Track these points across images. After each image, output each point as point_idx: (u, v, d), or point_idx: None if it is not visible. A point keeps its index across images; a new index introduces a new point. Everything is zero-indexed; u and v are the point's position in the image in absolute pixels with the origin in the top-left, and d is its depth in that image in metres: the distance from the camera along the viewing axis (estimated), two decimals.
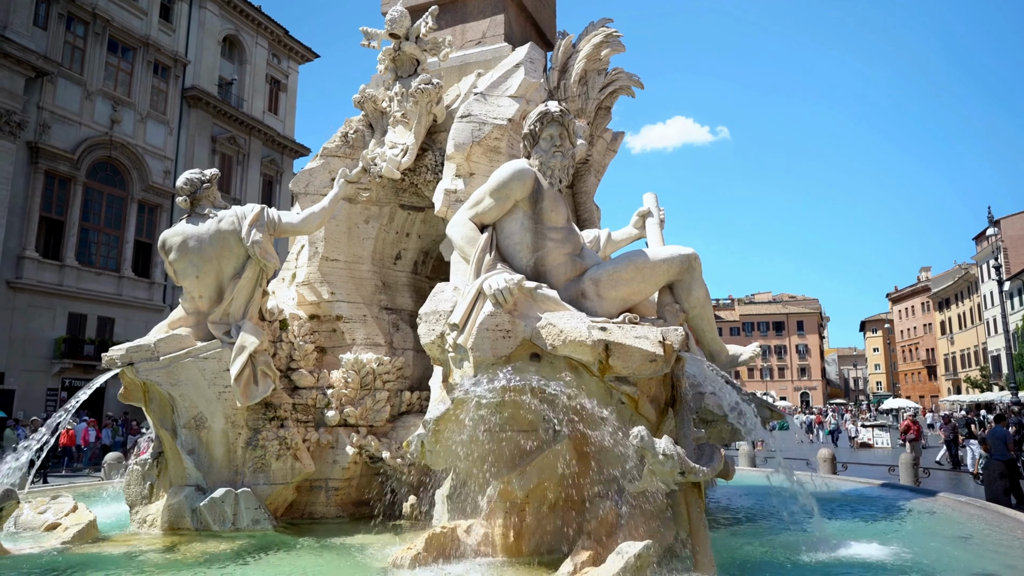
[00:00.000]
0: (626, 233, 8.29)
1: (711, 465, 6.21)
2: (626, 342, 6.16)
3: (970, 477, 18.09)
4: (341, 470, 8.91)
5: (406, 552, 6.34)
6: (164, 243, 8.57)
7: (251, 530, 7.87)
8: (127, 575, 6.38)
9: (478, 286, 6.40)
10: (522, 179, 6.75)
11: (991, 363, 63.91)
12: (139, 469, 8.39)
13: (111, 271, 31.69)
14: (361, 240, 10.08)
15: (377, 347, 9.59)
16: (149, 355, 7.98)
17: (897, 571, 6.09)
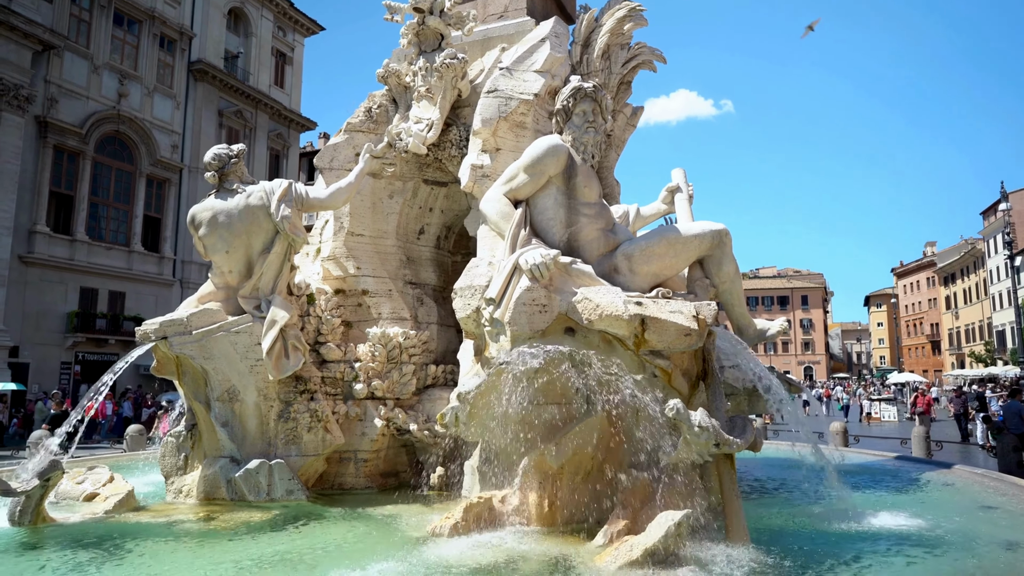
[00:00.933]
0: (655, 208, 8.33)
1: (744, 437, 6.33)
2: (662, 316, 6.24)
3: (978, 449, 18.27)
4: (370, 442, 9.05)
5: (444, 521, 6.49)
6: (193, 218, 8.63)
7: (285, 500, 8.03)
8: (170, 543, 6.53)
9: (514, 261, 6.47)
10: (556, 155, 6.78)
11: (996, 338, 64.02)
12: (173, 441, 8.53)
13: (121, 245, 31.77)
14: (385, 215, 10.12)
15: (403, 321, 9.68)
16: (182, 329, 8.07)
17: (933, 542, 6.22)
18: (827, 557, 5.67)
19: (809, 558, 5.60)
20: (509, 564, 5.47)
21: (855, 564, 5.52)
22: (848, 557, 5.69)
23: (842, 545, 6.11)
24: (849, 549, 5.98)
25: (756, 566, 5.34)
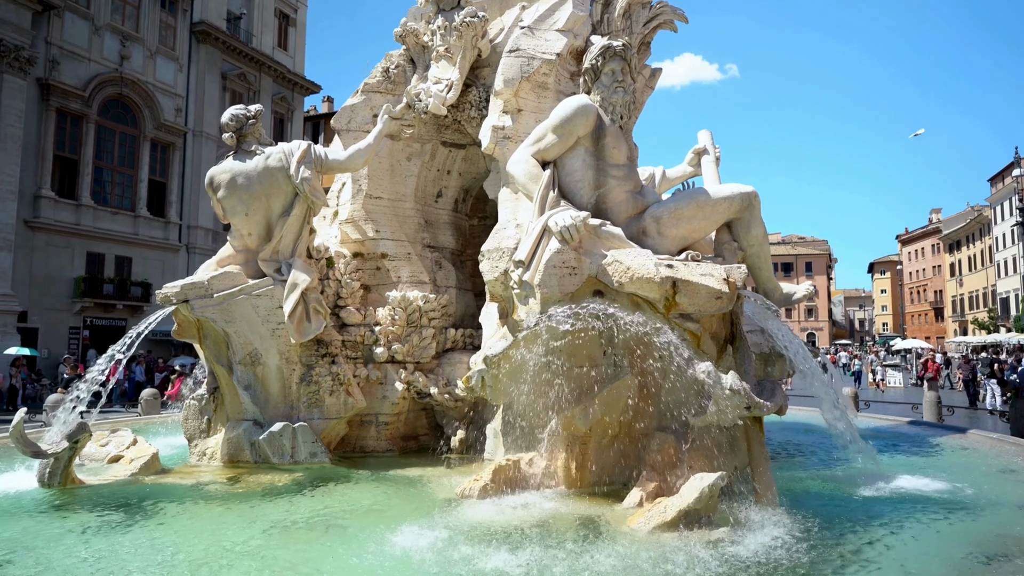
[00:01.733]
0: (681, 171, 8.21)
1: (773, 400, 6.31)
2: (693, 279, 6.17)
3: (987, 415, 18.33)
4: (391, 405, 9.07)
5: (473, 484, 6.52)
6: (212, 180, 8.51)
7: (308, 463, 8.07)
8: (199, 505, 6.57)
9: (543, 223, 6.38)
10: (585, 115, 6.65)
11: (999, 305, 63.94)
12: (196, 404, 8.54)
13: (127, 210, 31.55)
14: (403, 178, 10.00)
15: (422, 285, 9.62)
16: (203, 292, 8.02)
17: (959, 504, 6.25)
18: (858, 520, 5.70)
19: (840, 520, 5.62)
20: (541, 525, 5.49)
21: (887, 527, 5.55)
22: (880, 520, 5.72)
23: (871, 508, 6.13)
24: (879, 512, 6.00)
25: (788, 528, 5.35)
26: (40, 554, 4.90)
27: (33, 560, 4.76)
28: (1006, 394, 13.17)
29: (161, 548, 5.08)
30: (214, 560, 4.74)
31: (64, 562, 4.75)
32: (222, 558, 4.80)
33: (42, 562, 4.72)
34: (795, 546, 4.95)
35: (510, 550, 4.83)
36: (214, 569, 4.61)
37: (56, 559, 4.79)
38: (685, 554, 4.75)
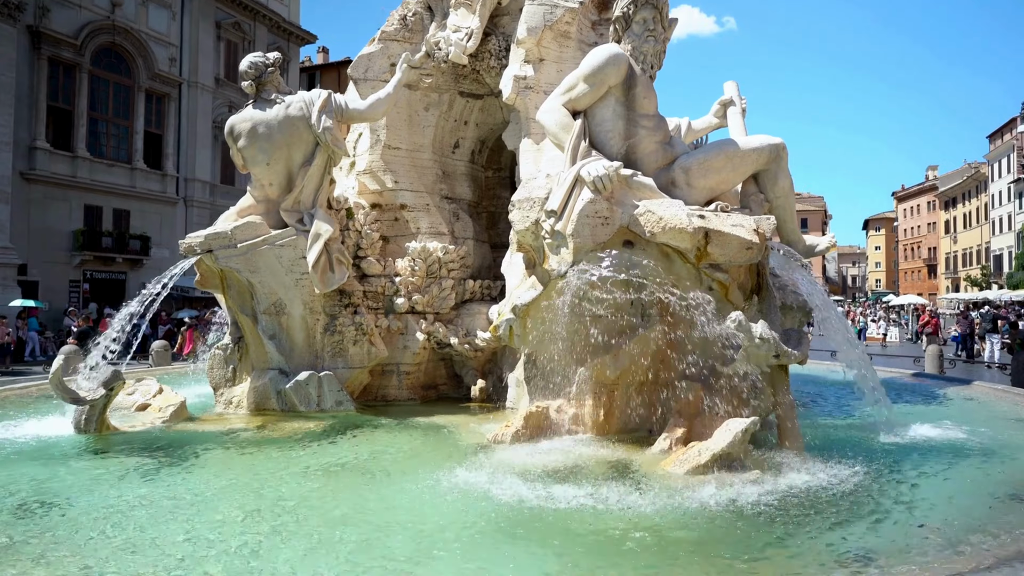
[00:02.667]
0: (706, 122, 8.18)
1: (800, 349, 6.44)
2: (724, 229, 6.22)
3: (984, 368, 18.67)
4: (412, 355, 9.18)
5: (505, 429, 6.66)
6: (232, 129, 8.43)
7: (334, 411, 8.19)
8: (233, 451, 6.69)
9: (575, 173, 6.38)
10: (617, 64, 6.59)
11: (992, 262, 64.38)
12: (221, 354, 8.62)
13: (123, 163, 31.15)
14: (421, 128, 9.92)
15: (441, 236, 9.64)
16: (227, 242, 8.02)
17: (979, 452, 6.44)
18: (886, 463, 5.87)
19: (869, 464, 5.78)
20: (576, 469, 5.63)
21: (916, 470, 5.73)
22: (907, 464, 5.90)
23: (896, 454, 6.31)
24: (904, 457, 6.18)
25: (819, 470, 5.51)
26: (90, 497, 4.97)
27: (85, 503, 4.85)
28: (1017, 339, 13.32)
29: (209, 493, 5.17)
30: (267, 507, 4.81)
31: (116, 504, 4.83)
32: (275, 504, 4.88)
33: (95, 505, 4.79)
34: (831, 485, 5.13)
35: (563, 486, 4.99)
36: (275, 513, 4.64)
37: (109, 502, 4.87)
38: (727, 488, 4.93)
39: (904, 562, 3.73)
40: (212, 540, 4.14)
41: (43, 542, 4.06)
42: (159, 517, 4.54)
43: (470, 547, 4.07)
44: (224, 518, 4.57)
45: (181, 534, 4.21)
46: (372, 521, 4.51)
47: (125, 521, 4.44)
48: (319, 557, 3.89)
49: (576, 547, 4.07)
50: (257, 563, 3.79)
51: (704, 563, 3.87)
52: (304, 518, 4.58)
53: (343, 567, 3.74)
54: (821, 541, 4.21)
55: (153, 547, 3.98)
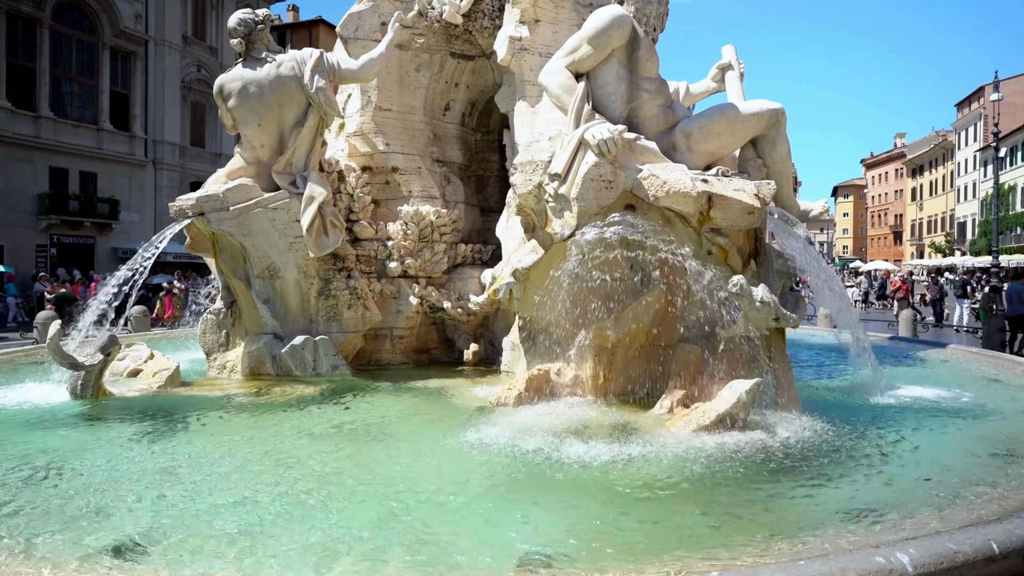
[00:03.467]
0: (704, 86, 8.17)
1: (798, 312, 6.57)
2: (727, 194, 6.26)
3: (953, 332, 19.24)
4: (405, 319, 9.16)
5: (508, 392, 6.71)
6: (222, 88, 8.22)
7: (330, 375, 8.19)
8: (234, 415, 6.64)
9: (579, 136, 6.35)
10: (621, 26, 6.53)
11: (956, 229, 65.89)
12: (214, 318, 8.52)
13: (88, 123, 30.20)
14: (412, 89, 9.76)
15: (433, 199, 9.56)
16: (219, 205, 7.87)
17: (965, 411, 6.67)
18: (878, 422, 6.07)
19: (862, 422, 5.98)
20: (582, 429, 5.72)
21: (907, 427, 5.93)
22: (899, 422, 6.10)
23: (886, 413, 6.52)
24: (895, 415, 6.39)
25: (818, 429, 5.68)
26: (98, 463, 4.92)
27: (102, 469, 4.77)
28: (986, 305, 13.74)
29: (217, 455, 5.13)
30: (281, 468, 4.80)
31: (126, 469, 4.78)
32: (290, 464, 4.88)
33: (106, 470, 4.74)
34: (832, 443, 5.31)
35: (573, 444, 5.10)
36: (294, 477, 4.63)
37: (117, 467, 4.81)
38: (732, 446, 5.08)
39: (913, 514, 3.88)
40: (245, 501, 4.12)
41: (74, 507, 4.01)
42: (182, 481, 4.50)
43: (492, 504, 4.13)
44: (247, 480, 4.54)
45: (208, 498, 4.19)
46: (391, 482, 4.53)
47: (150, 486, 4.38)
48: (349, 516, 3.93)
49: (591, 500, 4.17)
50: (290, 523, 3.81)
51: (713, 514, 4.00)
52: (324, 478, 4.60)
53: (374, 526, 3.78)
54: (828, 496, 4.36)
55: (188, 514, 3.94)
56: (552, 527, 3.80)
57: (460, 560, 3.36)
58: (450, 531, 3.73)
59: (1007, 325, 13.51)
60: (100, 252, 30.52)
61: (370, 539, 3.60)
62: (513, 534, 3.70)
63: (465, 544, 3.55)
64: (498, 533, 3.74)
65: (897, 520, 3.81)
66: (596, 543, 3.58)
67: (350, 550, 3.47)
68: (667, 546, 3.53)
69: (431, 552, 3.45)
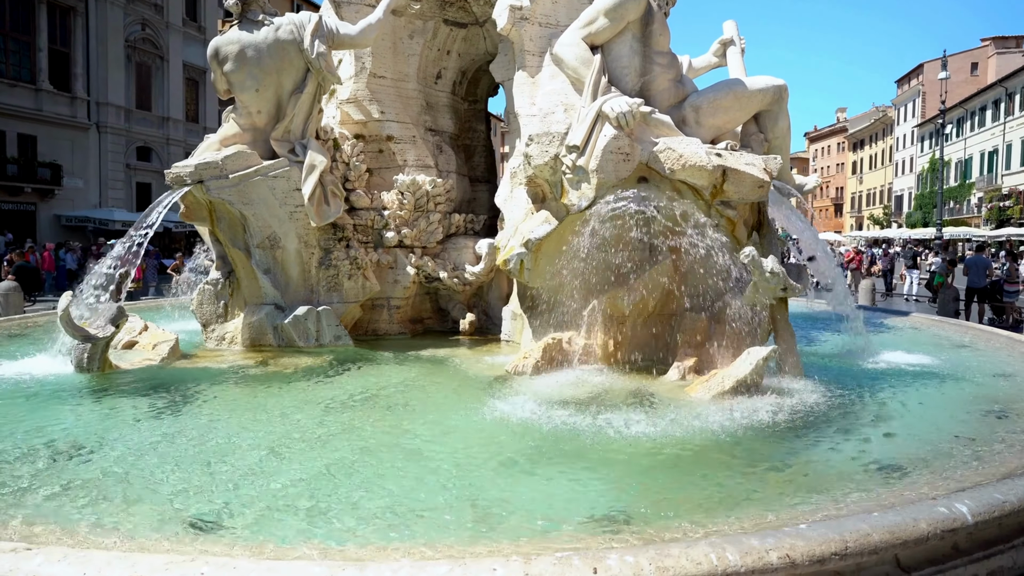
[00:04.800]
0: (706, 61, 8.32)
1: (802, 282, 6.86)
2: (740, 168, 6.47)
3: (903, 300, 20.22)
4: (403, 289, 9.16)
5: (523, 360, 6.85)
6: (218, 51, 7.95)
7: (332, 346, 8.16)
8: (242, 387, 6.55)
9: (597, 108, 6.43)
10: (638, 0, 6.60)
11: (894, 202, 68.58)
12: (211, 289, 8.35)
13: (26, 83, 28.55)
14: (406, 57, 9.62)
15: (427, 169, 9.51)
16: (218, 172, 7.67)
17: (945, 374, 7.11)
18: (873, 385, 6.45)
19: (858, 386, 6.33)
20: (604, 396, 5.90)
21: (898, 389, 6.32)
22: (890, 385, 6.48)
23: (876, 377, 6.90)
24: (885, 379, 6.77)
25: (822, 393, 5.99)
26: (133, 437, 4.79)
27: (129, 442, 4.69)
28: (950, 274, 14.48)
29: (247, 429, 5.07)
30: (320, 441, 4.81)
31: (164, 445, 4.66)
32: (326, 438, 4.88)
33: (144, 445, 4.62)
34: (840, 404, 5.68)
35: (600, 411, 5.26)
36: (334, 448, 4.63)
37: (154, 442, 4.71)
38: (751, 409, 5.35)
39: (938, 469, 4.19)
40: (296, 473, 4.14)
41: (112, 482, 3.97)
42: (225, 455, 4.45)
43: (541, 469, 4.25)
44: (292, 454, 4.52)
45: (259, 472, 4.17)
46: (435, 452, 4.59)
47: (195, 461, 4.32)
48: (405, 484, 3.99)
49: (637, 463, 4.36)
50: (350, 493, 3.85)
51: (757, 472, 4.24)
52: (367, 449, 4.61)
53: (436, 492, 3.86)
54: (844, 453, 4.64)
55: (246, 487, 3.94)
56: (609, 489, 3.97)
57: (540, 524, 3.48)
58: (508, 496, 3.83)
59: (959, 295, 14.31)
60: (42, 220, 29.17)
61: (441, 506, 3.67)
62: (575, 497, 3.84)
63: (533, 508, 3.67)
64: (559, 496, 3.87)
65: (925, 474, 4.11)
66: (660, 502, 3.76)
67: (420, 516, 3.54)
68: (729, 503, 3.74)
69: (503, 517, 3.53)
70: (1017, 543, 3.44)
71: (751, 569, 2.73)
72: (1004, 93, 46.99)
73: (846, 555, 2.90)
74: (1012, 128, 45.87)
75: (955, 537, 3.19)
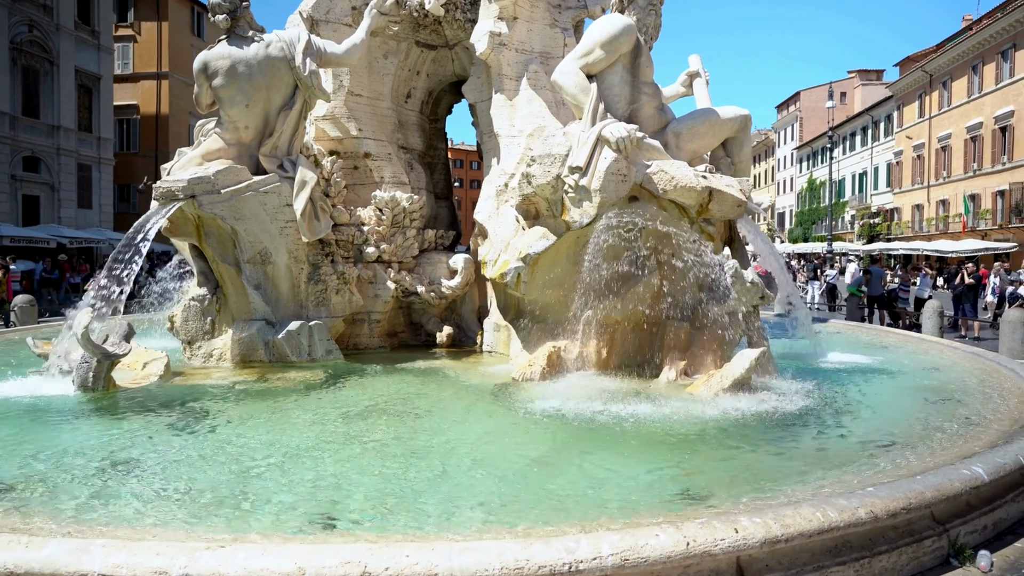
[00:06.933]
0: (673, 91, 9.04)
1: (773, 291, 7.68)
2: (722, 188, 7.20)
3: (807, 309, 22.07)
4: (383, 303, 9.34)
5: (529, 368, 7.26)
6: (207, 66, 7.92)
7: (324, 360, 8.25)
8: (248, 403, 6.46)
9: (597, 133, 6.98)
10: (630, 34, 7.22)
11: (776, 219, 73.78)
12: (197, 305, 8.22)
13: None
14: (381, 76, 9.86)
15: (402, 185, 9.76)
16: (210, 188, 7.62)
17: (884, 369, 8.21)
18: (834, 380, 7.33)
19: (828, 381, 7.19)
20: (614, 396, 6.41)
21: (855, 384, 7.24)
22: (847, 380, 7.39)
23: (834, 374, 7.81)
24: (842, 376, 7.69)
25: (799, 388, 6.77)
26: (152, 453, 4.83)
27: (161, 459, 4.70)
28: (865, 283, 16.06)
29: (260, 443, 5.09)
30: (357, 446, 4.99)
31: (214, 456, 4.72)
32: (364, 444, 5.07)
33: (161, 461, 4.66)
34: (816, 395, 6.50)
35: (615, 407, 5.83)
36: (376, 454, 4.83)
37: (183, 455, 4.79)
38: (748, 402, 6.03)
39: (918, 443, 4.97)
40: (353, 476, 4.33)
41: (211, 492, 4.05)
42: (286, 465, 4.55)
43: (587, 458, 4.68)
44: (340, 460, 4.67)
45: (329, 477, 4.34)
46: (476, 452, 4.90)
47: (223, 472, 4.40)
48: (473, 478, 4.33)
49: (677, 450, 4.91)
50: (421, 488, 4.12)
51: (785, 453, 4.89)
52: (414, 452, 4.83)
53: (507, 483, 4.21)
54: (840, 435, 5.39)
55: (326, 489, 4.13)
56: (663, 468, 4.49)
57: (634, 499, 3.93)
58: (582, 480, 4.26)
59: (862, 302, 15.97)
60: None
61: (508, 497, 3.97)
62: (638, 475, 4.32)
63: (610, 488, 4.11)
64: (625, 477, 4.34)
65: (919, 448, 4.88)
66: (723, 479, 4.30)
67: (501, 506, 3.83)
68: (767, 477, 4.31)
69: (565, 501, 3.88)
70: (1008, 499, 4.23)
71: (848, 523, 3.31)
72: (870, 121, 51.90)
73: (910, 509, 3.54)
74: (878, 152, 50.69)
75: (978, 492, 3.91)
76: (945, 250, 31.48)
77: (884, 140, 49.76)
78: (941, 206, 41.00)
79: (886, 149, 49.28)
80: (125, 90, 40.37)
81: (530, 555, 2.78)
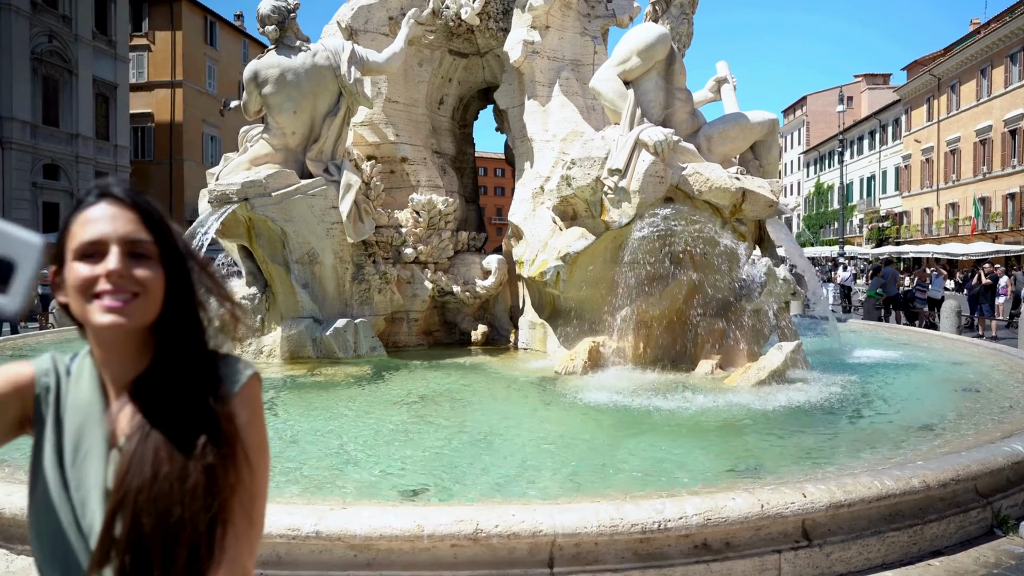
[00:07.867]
0: (702, 96, 9.36)
1: (803, 287, 7.97)
2: (755, 189, 7.50)
3: None
4: (421, 303, 9.65)
5: (571, 362, 7.56)
6: (257, 75, 8.28)
7: (369, 356, 8.57)
8: (307, 394, 6.89)
9: (635, 137, 7.29)
10: (665, 43, 7.54)
11: (784, 223, 73.95)
12: (248, 303, 8.54)
13: None
14: (416, 83, 10.20)
15: (437, 189, 10.08)
16: (262, 191, 7.98)
17: (910, 363, 8.48)
18: (864, 373, 7.59)
19: (856, 374, 7.46)
20: (654, 388, 6.71)
21: (884, 376, 7.51)
22: (876, 373, 7.66)
23: (862, 368, 8.08)
24: (870, 369, 7.96)
25: (834, 380, 7.04)
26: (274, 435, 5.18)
27: None
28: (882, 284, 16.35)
29: (329, 430, 5.41)
30: (432, 428, 5.35)
31: (294, 440, 5.10)
32: (432, 428, 5.43)
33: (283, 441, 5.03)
34: (856, 387, 6.77)
35: (658, 399, 6.11)
36: (444, 436, 5.17)
37: (294, 436, 5.14)
38: (787, 393, 6.32)
39: (956, 427, 5.24)
40: (408, 456, 4.64)
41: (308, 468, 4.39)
42: (367, 447, 4.89)
43: (635, 441, 5.02)
44: (416, 441, 5.03)
45: (417, 457, 4.69)
46: (539, 430, 5.35)
47: (343, 449, 4.79)
48: (542, 455, 4.66)
49: (725, 434, 5.22)
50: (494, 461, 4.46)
51: (810, 435, 5.20)
52: (481, 436, 5.15)
53: (551, 461, 4.56)
54: (878, 419, 5.68)
55: (413, 465, 4.47)
56: (716, 447, 4.79)
57: (694, 474, 4.22)
58: (620, 459, 4.56)
59: (880, 303, 16.23)
60: None
61: (581, 470, 4.30)
62: (696, 458, 4.62)
63: (669, 464, 4.41)
64: (682, 455, 4.64)
65: (961, 429, 5.16)
66: (777, 458, 4.59)
67: (576, 477, 4.17)
68: (817, 455, 4.61)
69: (632, 474, 4.21)
70: None
71: (903, 490, 3.60)
72: (878, 124, 52.12)
73: (958, 480, 3.82)
74: (886, 156, 50.90)
75: (1019, 468, 4.19)
76: (956, 253, 31.66)
77: (892, 144, 49.96)
78: (950, 209, 41.17)
79: (894, 153, 49.48)
80: (140, 98, 40.89)
81: (623, 514, 3.09)
